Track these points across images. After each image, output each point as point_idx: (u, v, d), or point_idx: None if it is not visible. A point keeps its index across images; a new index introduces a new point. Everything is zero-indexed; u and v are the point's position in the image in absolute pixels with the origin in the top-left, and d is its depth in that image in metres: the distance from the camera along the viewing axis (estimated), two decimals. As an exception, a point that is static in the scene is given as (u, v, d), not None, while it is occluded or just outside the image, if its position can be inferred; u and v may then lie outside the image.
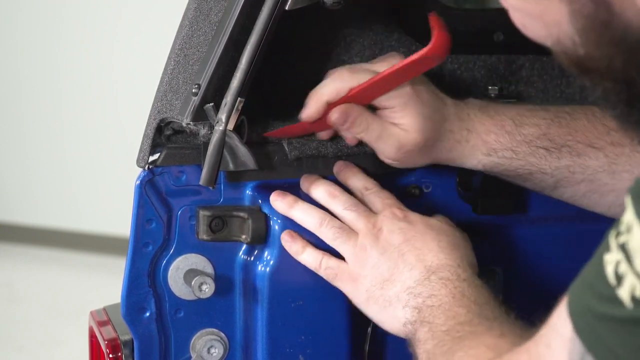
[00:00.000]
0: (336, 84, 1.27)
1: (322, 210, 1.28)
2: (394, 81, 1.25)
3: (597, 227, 1.47)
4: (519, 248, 1.43)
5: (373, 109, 1.29)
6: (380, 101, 1.27)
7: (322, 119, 1.28)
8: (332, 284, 1.27)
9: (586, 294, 0.86)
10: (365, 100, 1.27)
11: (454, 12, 1.45)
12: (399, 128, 1.27)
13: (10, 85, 4.90)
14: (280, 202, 1.28)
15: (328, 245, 1.27)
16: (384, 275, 1.23)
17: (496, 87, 1.46)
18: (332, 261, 1.26)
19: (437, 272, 1.21)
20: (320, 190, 1.29)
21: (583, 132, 1.30)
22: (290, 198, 1.28)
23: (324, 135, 1.32)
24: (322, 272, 1.27)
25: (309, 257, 1.27)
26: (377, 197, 1.29)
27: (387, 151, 1.29)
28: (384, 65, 1.28)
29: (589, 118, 1.31)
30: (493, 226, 1.41)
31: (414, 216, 1.27)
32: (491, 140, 1.30)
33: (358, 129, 1.27)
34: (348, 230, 1.26)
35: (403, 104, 1.27)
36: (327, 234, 1.26)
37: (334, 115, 1.27)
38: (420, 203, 1.38)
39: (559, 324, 0.90)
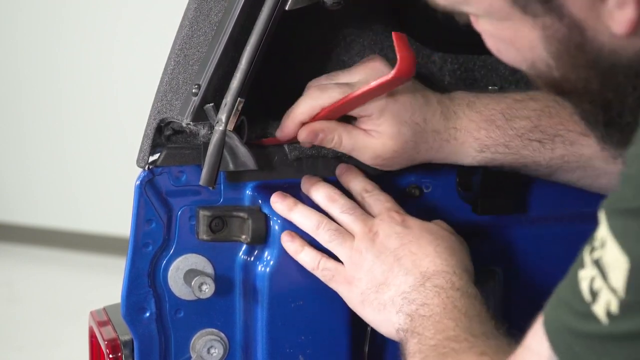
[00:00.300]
0: (308, 103, 1.28)
1: (319, 213, 1.28)
2: (363, 99, 1.26)
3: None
4: (519, 248, 1.43)
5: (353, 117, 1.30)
6: (358, 110, 1.28)
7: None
8: (328, 285, 1.27)
9: (562, 311, 0.86)
10: (339, 114, 1.28)
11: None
12: (374, 137, 1.27)
13: (10, 85, 4.90)
14: (279, 204, 1.28)
15: (327, 249, 1.27)
16: (379, 279, 1.23)
17: (496, 87, 1.46)
18: (330, 263, 1.26)
19: (432, 278, 1.20)
20: (320, 193, 1.30)
21: (574, 120, 1.29)
22: (289, 200, 1.28)
23: (305, 144, 1.32)
24: (318, 273, 1.27)
25: (307, 256, 1.27)
26: (376, 200, 1.29)
27: (364, 160, 1.30)
28: (362, 73, 1.28)
29: None
30: (493, 226, 1.41)
31: (412, 220, 1.27)
32: (482, 137, 1.29)
33: (329, 144, 1.29)
34: (344, 232, 1.26)
35: (380, 111, 1.27)
36: (323, 236, 1.26)
37: (302, 136, 1.28)
38: (420, 203, 1.38)
39: (535, 343, 0.90)
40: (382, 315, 1.22)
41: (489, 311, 1.18)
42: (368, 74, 1.27)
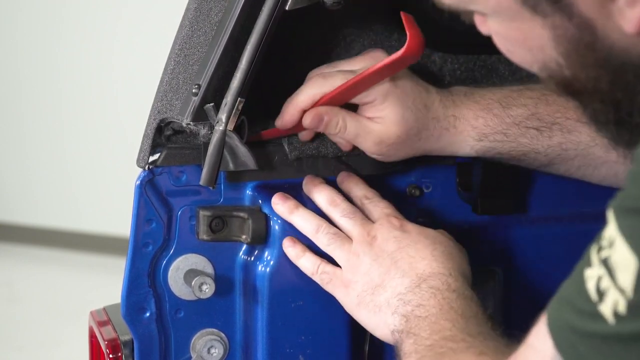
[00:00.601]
0: (311, 90, 1.28)
1: (319, 217, 1.28)
2: (369, 82, 1.26)
3: (597, 227, 1.46)
4: (519, 248, 1.43)
5: (354, 106, 1.29)
6: (360, 97, 1.28)
7: (299, 123, 1.29)
8: (325, 289, 1.27)
9: (566, 310, 0.85)
10: (342, 101, 1.28)
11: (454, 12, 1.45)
12: (378, 123, 1.27)
13: (10, 85, 4.90)
14: (281, 207, 1.28)
15: (326, 253, 1.27)
16: (375, 281, 1.23)
17: None
18: (328, 267, 1.26)
19: (427, 280, 1.20)
20: (322, 196, 1.29)
21: (572, 108, 1.29)
22: (291, 203, 1.28)
23: (305, 135, 1.32)
24: (317, 278, 1.27)
25: (307, 262, 1.27)
26: (376, 206, 1.29)
27: (368, 147, 1.29)
28: (364, 62, 1.28)
29: None
30: (493, 226, 1.41)
31: (410, 225, 1.26)
32: (480, 125, 1.29)
33: (334, 130, 1.28)
34: (343, 236, 1.26)
35: (383, 96, 1.27)
36: (322, 240, 1.27)
37: (307, 120, 1.28)
38: (420, 203, 1.38)
39: (538, 341, 0.90)
40: (378, 317, 1.22)
41: (486, 313, 1.18)
42: (369, 62, 1.27)
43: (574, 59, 0.92)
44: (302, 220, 1.28)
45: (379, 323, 1.22)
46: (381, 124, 1.27)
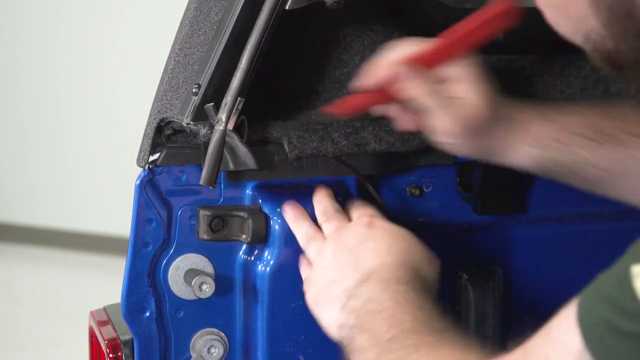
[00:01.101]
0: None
1: (314, 226, 1.27)
2: (458, 47, 1.21)
3: (597, 227, 1.46)
4: (519, 248, 1.43)
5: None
6: (445, 72, 1.23)
7: (376, 93, 1.25)
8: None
9: (603, 306, 0.81)
10: (429, 65, 1.23)
11: (455, 12, 1.45)
12: (461, 102, 1.22)
13: (10, 85, 4.90)
14: (287, 213, 1.28)
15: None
16: (330, 277, 1.20)
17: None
18: (307, 270, 1.25)
19: (377, 272, 1.16)
20: (319, 208, 1.28)
21: (633, 124, 1.24)
22: (297, 212, 1.28)
23: (395, 117, 1.28)
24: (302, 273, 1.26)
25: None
26: (357, 209, 1.27)
27: (446, 124, 1.23)
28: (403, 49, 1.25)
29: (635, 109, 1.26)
30: (493, 226, 1.41)
31: (380, 222, 1.23)
32: (536, 130, 1.25)
33: (416, 90, 1.22)
34: (320, 239, 1.25)
35: (468, 75, 1.22)
36: (306, 246, 1.26)
37: (398, 70, 1.22)
38: (420, 203, 1.38)
39: (560, 332, 0.86)
40: (329, 313, 1.19)
41: (439, 307, 1.12)
42: (408, 47, 1.24)
43: (614, 28, 0.91)
44: (297, 229, 1.27)
45: (330, 319, 1.19)
46: (462, 104, 1.22)
